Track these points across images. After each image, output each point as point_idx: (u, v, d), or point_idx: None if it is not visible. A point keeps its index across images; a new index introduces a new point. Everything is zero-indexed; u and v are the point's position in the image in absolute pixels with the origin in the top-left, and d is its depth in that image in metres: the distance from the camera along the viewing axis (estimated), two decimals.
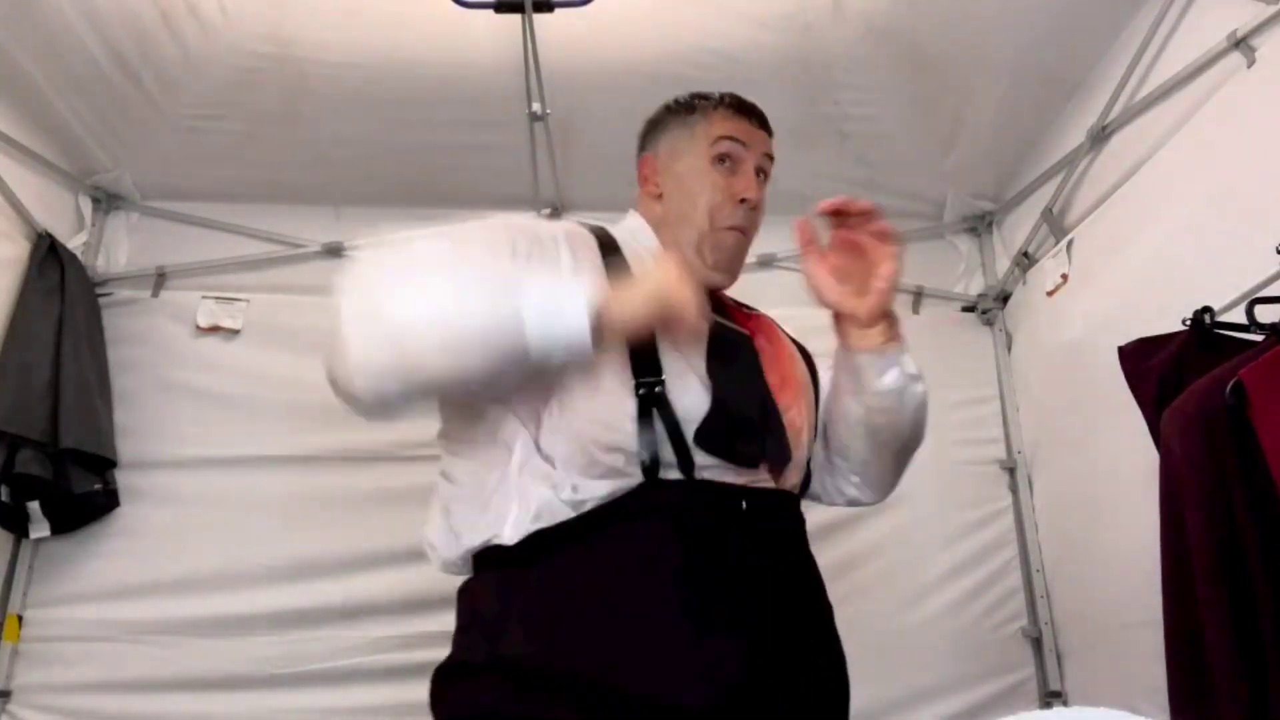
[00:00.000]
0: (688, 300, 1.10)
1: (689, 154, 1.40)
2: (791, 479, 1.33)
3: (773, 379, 1.34)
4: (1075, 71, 2.40)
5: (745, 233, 1.38)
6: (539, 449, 1.16)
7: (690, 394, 1.18)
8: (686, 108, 1.46)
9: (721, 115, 1.42)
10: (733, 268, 1.40)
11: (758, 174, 1.40)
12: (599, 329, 1.07)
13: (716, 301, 1.35)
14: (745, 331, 1.37)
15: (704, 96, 1.47)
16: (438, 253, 1.17)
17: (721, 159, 1.38)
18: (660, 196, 1.41)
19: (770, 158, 1.43)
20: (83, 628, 2.44)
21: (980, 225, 3.01)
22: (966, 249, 3.01)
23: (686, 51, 2.38)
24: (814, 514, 2.72)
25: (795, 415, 1.35)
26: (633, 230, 1.41)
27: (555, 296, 1.07)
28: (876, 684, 2.49)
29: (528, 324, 1.05)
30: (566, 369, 1.13)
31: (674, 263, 1.15)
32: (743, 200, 1.36)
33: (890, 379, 1.34)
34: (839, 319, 1.38)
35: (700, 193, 1.36)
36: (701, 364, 1.21)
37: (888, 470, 1.50)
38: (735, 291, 1.53)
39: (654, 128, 1.49)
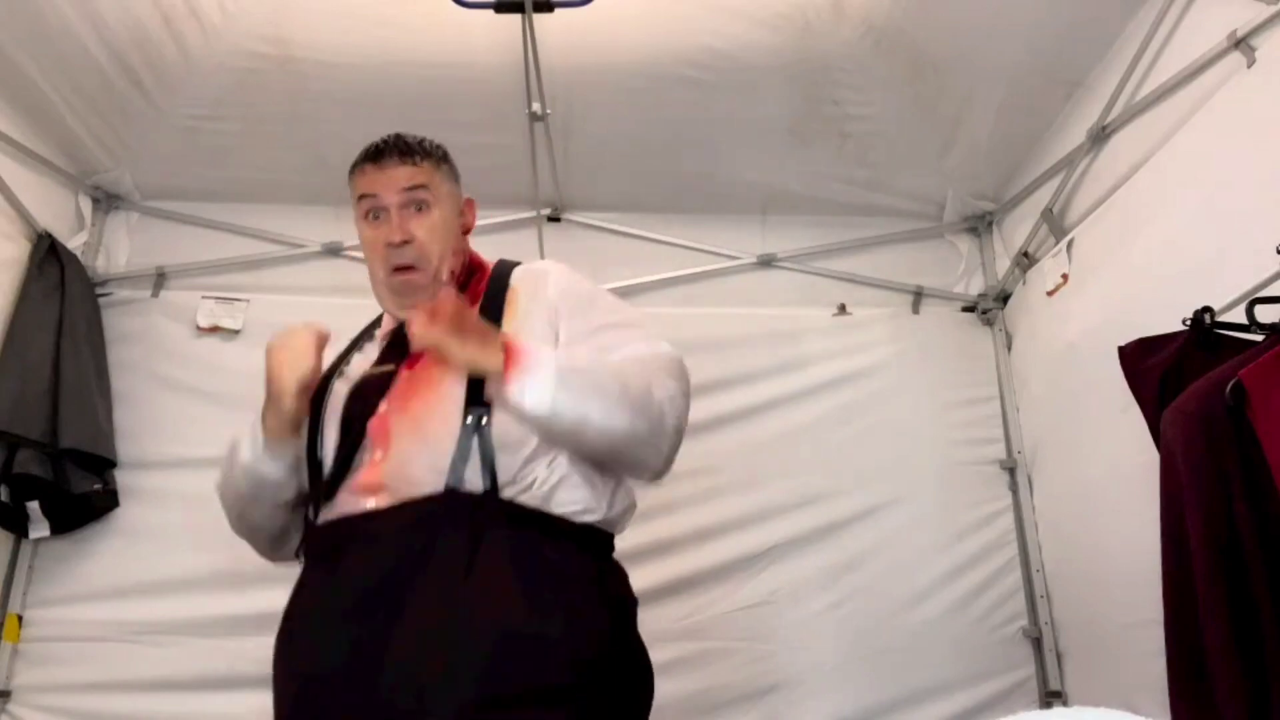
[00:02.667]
0: (276, 380, 1.38)
1: (357, 221, 1.51)
2: (406, 488, 1.31)
3: (390, 403, 1.39)
4: (1075, 71, 2.40)
5: (409, 269, 1.43)
6: None
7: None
8: (349, 177, 1.53)
9: (358, 174, 1.49)
10: (415, 300, 1.40)
11: (411, 207, 1.45)
12: (268, 438, 1.42)
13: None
14: (389, 369, 1.43)
15: (356, 160, 1.52)
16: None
17: (369, 214, 1.47)
18: None
19: (420, 187, 1.46)
20: (83, 628, 2.44)
21: (980, 225, 3.01)
22: (966, 249, 3.01)
23: (686, 51, 2.38)
24: (814, 514, 2.74)
25: (404, 419, 1.37)
26: None
27: (248, 442, 1.48)
28: (876, 684, 2.50)
29: (243, 463, 1.49)
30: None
31: (271, 348, 1.41)
32: (389, 244, 1.43)
33: (522, 419, 1.29)
34: None
35: (366, 253, 1.48)
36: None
37: (619, 465, 1.42)
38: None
39: None
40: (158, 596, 2.48)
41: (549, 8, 2.19)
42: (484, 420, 1.31)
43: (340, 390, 1.45)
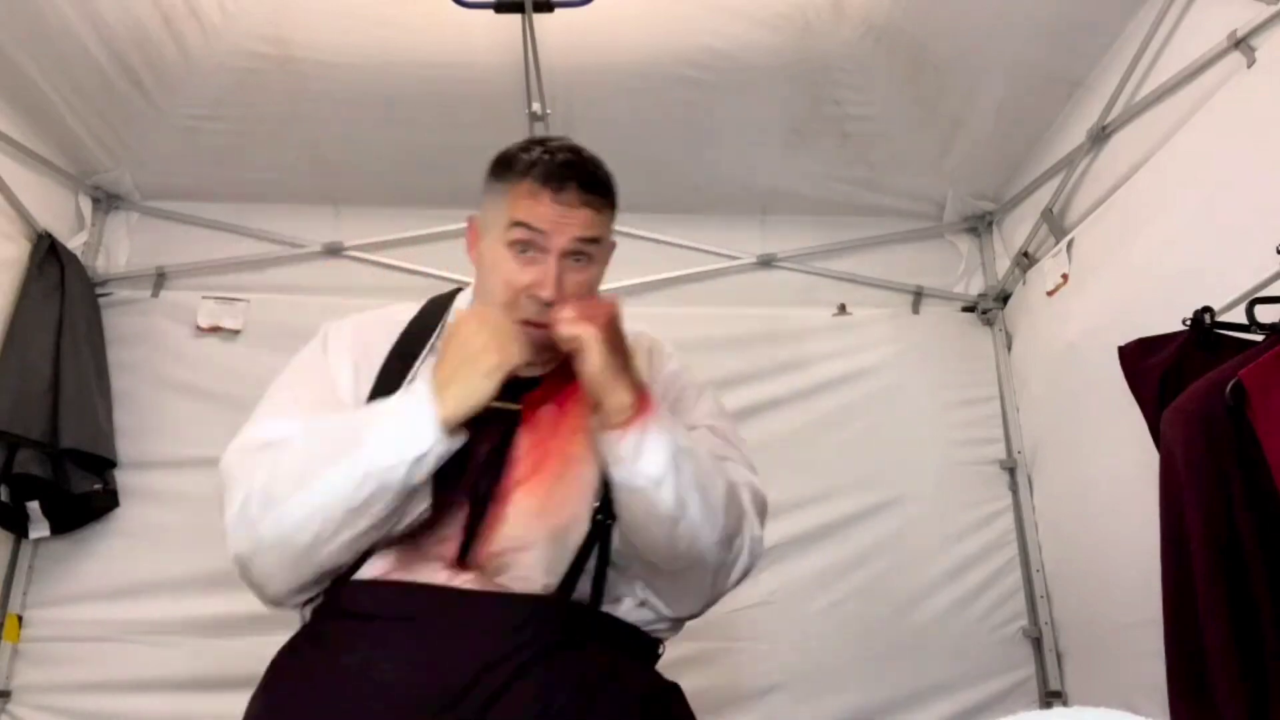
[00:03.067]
0: (500, 358, 1.10)
1: (491, 230, 1.26)
2: (509, 578, 1.17)
3: (524, 464, 1.21)
4: (1075, 71, 2.40)
5: (541, 325, 1.20)
6: None
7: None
8: (501, 167, 1.29)
9: (525, 191, 1.22)
10: (540, 359, 1.23)
11: (572, 256, 1.22)
12: (451, 422, 1.09)
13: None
14: (515, 407, 1.22)
15: (521, 155, 1.27)
16: (291, 456, 1.18)
17: (519, 245, 1.22)
18: (477, 266, 1.31)
19: (593, 241, 1.23)
20: (83, 628, 2.44)
21: (980, 225, 3.01)
22: (966, 249, 3.01)
23: (686, 51, 2.38)
24: (814, 514, 2.74)
25: (532, 502, 1.20)
26: (467, 304, 1.35)
27: (398, 428, 1.10)
28: (876, 684, 2.50)
29: (383, 460, 1.09)
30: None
31: (479, 315, 1.16)
32: (535, 295, 1.20)
33: (618, 473, 1.14)
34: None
35: (495, 280, 1.24)
36: None
37: (667, 583, 1.24)
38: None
39: (483, 192, 1.33)
40: (158, 596, 2.48)
41: (549, 8, 2.19)
42: (610, 528, 1.19)
43: None
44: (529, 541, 1.18)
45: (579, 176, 1.23)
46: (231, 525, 1.23)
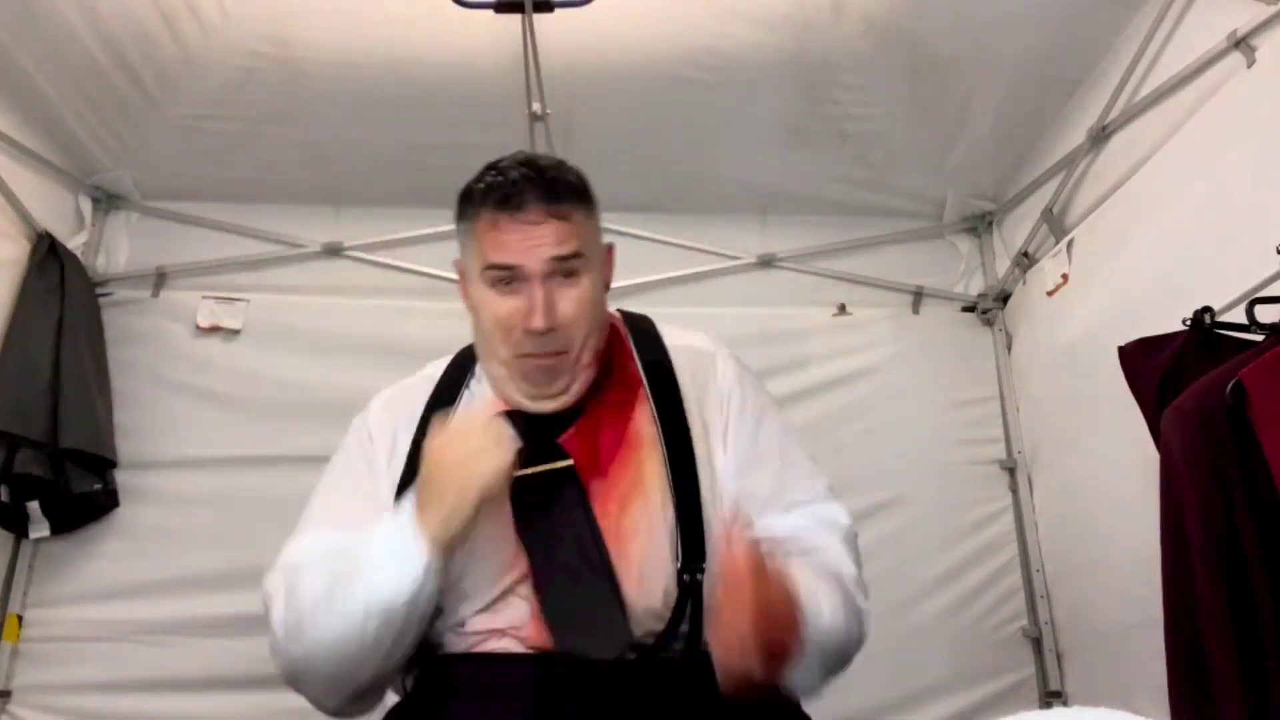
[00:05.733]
0: (466, 484, 1.05)
1: (470, 272, 1.20)
2: (582, 639, 1.10)
3: (604, 520, 1.15)
4: (1075, 71, 2.40)
5: (547, 356, 1.16)
6: None
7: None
8: (462, 204, 1.22)
9: (485, 224, 1.16)
10: (556, 389, 1.18)
11: (557, 276, 1.15)
12: (435, 549, 1.06)
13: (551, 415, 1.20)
14: (565, 464, 1.16)
15: (476, 186, 1.20)
16: (307, 586, 1.13)
17: (498, 282, 1.16)
18: (470, 312, 1.24)
19: (572, 255, 1.15)
20: (83, 628, 2.44)
21: (980, 225, 3.00)
22: (966, 249, 3.01)
23: (686, 51, 2.38)
24: None
25: (631, 549, 1.14)
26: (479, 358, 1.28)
27: (389, 560, 1.07)
28: (876, 684, 2.50)
29: (382, 594, 1.06)
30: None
31: (448, 431, 1.09)
32: (530, 329, 1.14)
33: None
34: None
35: (486, 320, 1.18)
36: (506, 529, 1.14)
37: None
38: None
39: (455, 224, 1.26)
40: (158, 596, 2.48)
41: (549, 8, 2.19)
42: (699, 576, 1.12)
43: None
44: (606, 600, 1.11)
45: (536, 189, 1.14)
46: (271, 650, 1.19)
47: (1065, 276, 2.53)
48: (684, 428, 1.21)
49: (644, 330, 1.33)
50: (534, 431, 1.16)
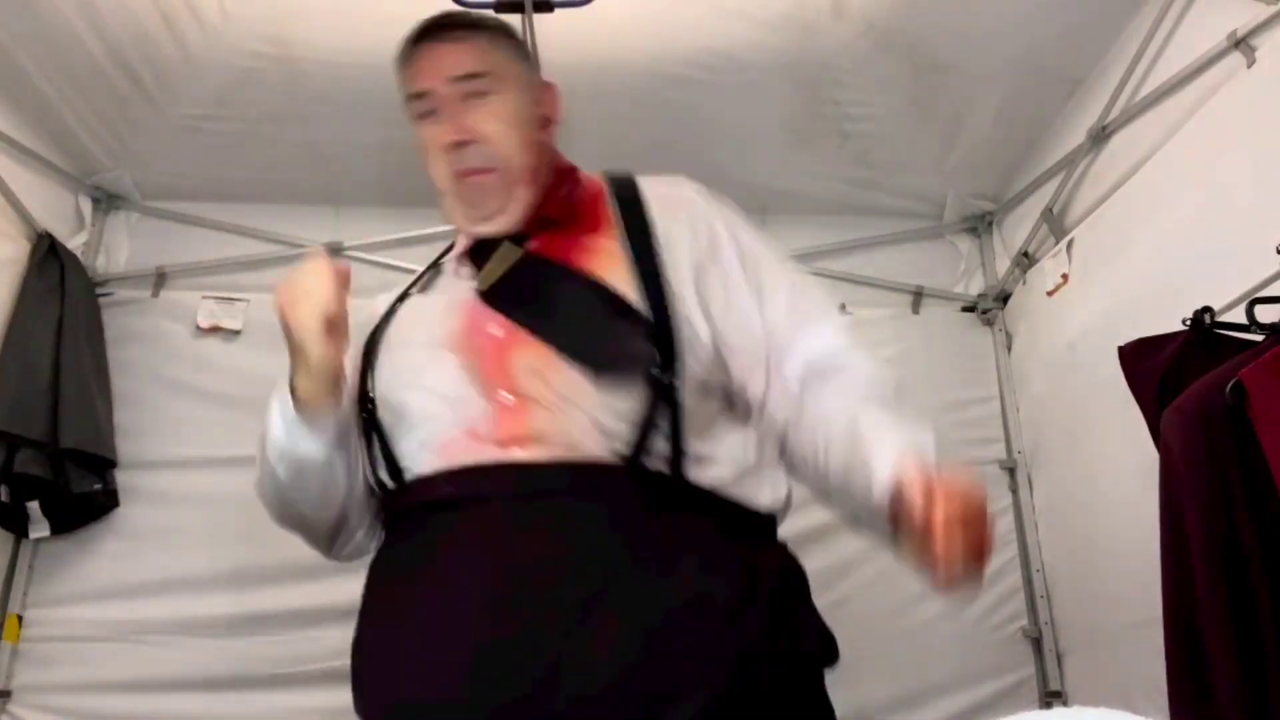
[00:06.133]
0: (294, 323, 1.10)
1: (413, 122, 1.26)
2: (545, 449, 1.04)
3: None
4: (1075, 71, 2.40)
5: (475, 173, 1.18)
6: None
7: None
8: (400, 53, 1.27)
9: (406, 69, 1.25)
10: (491, 207, 1.19)
11: (465, 97, 1.19)
12: (301, 398, 1.13)
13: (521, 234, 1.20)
14: (518, 252, 1.17)
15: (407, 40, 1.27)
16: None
17: (421, 117, 1.23)
18: None
19: (474, 76, 1.19)
20: (83, 628, 2.44)
21: (980, 225, 3.00)
22: (966, 249, 3.01)
23: (686, 51, 2.38)
24: (813, 515, 2.73)
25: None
26: None
27: (273, 411, 1.17)
28: (877, 684, 2.50)
29: (276, 445, 1.15)
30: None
31: (279, 289, 1.12)
32: (447, 146, 1.18)
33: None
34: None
35: (426, 157, 1.23)
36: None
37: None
38: None
39: None
40: (158, 596, 2.48)
41: (549, 8, 2.19)
42: (676, 379, 1.07)
43: (422, 308, 1.22)
44: (564, 405, 1.05)
45: (444, 20, 1.23)
46: None
47: (1065, 276, 2.53)
48: (652, 250, 1.16)
49: (623, 180, 1.31)
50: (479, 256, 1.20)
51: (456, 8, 1.29)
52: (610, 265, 1.15)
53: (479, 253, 1.21)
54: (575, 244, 1.19)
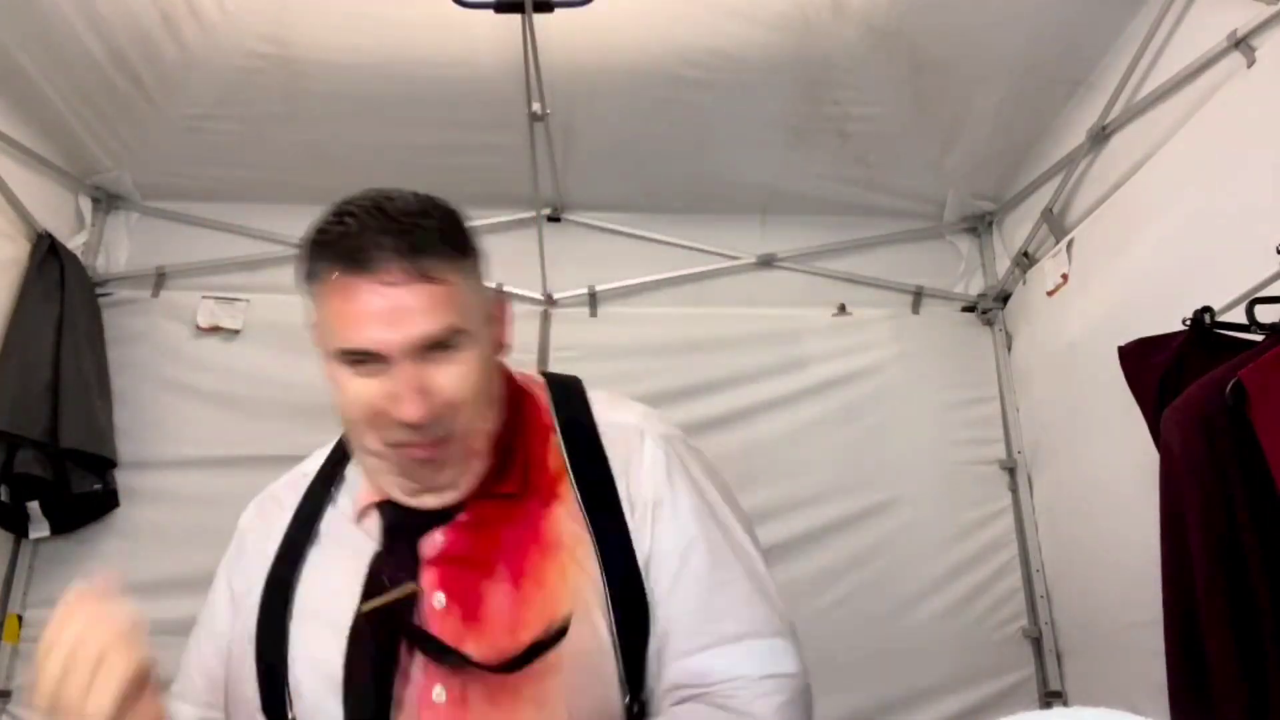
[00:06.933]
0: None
1: (324, 345, 0.95)
2: None
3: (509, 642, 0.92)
4: (1075, 71, 2.40)
5: (425, 446, 0.94)
6: None
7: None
8: (307, 256, 0.95)
9: (334, 292, 0.91)
10: (440, 482, 0.97)
11: (426, 357, 0.91)
12: None
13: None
14: (409, 590, 0.93)
15: (318, 236, 0.95)
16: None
17: (357, 365, 0.93)
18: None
19: (450, 331, 0.92)
20: None
21: (980, 225, 3.00)
22: (966, 249, 3.02)
23: (686, 51, 2.38)
24: (814, 514, 2.74)
25: (550, 686, 0.92)
26: None
27: None
28: (877, 684, 2.50)
29: None
30: None
31: (51, 655, 0.89)
32: (400, 421, 0.92)
33: None
34: None
35: (350, 409, 0.95)
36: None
37: None
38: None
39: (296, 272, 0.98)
40: (158, 596, 2.46)
41: (549, 8, 2.18)
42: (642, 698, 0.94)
43: (320, 635, 0.97)
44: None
45: (392, 239, 0.89)
46: None
47: (1065, 276, 2.53)
48: (621, 526, 0.98)
49: (569, 400, 1.07)
50: (413, 528, 0.98)
51: (400, 210, 0.93)
52: (568, 574, 0.95)
53: (394, 517, 0.99)
54: (525, 531, 0.97)
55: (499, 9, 2.18)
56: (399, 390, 0.91)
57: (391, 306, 0.89)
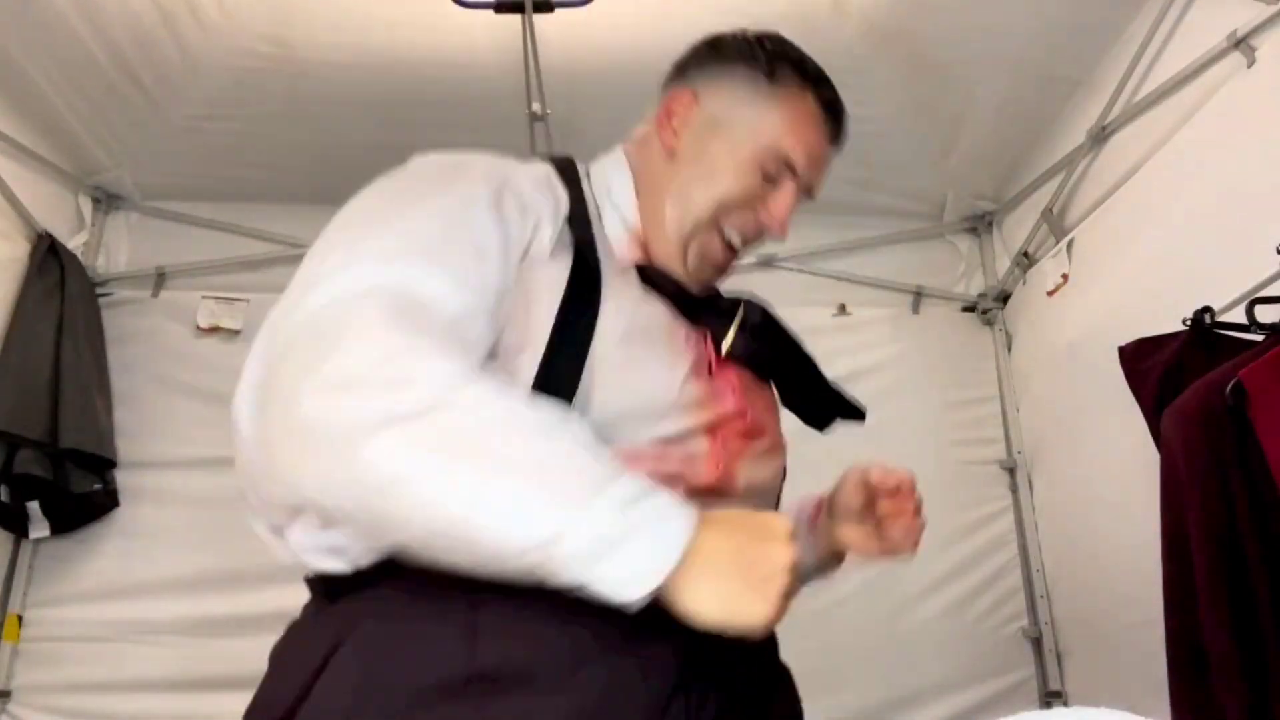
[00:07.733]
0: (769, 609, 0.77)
1: (737, 131, 1.06)
2: None
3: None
4: (1075, 71, 2.40)
5: (734, 253, 1.08)
6: None
7: None
8: (767, 63, 1.11)
9: (808, 114, 1.08)
10: (715, 282, 1.13)
11: (806, 195, 1.10)
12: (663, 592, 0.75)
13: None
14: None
15: (792, 61, 1.12)
16: (462, 414, 0.77)
17: (769, 166, 1.06)
18: (673, 153, 1.10)
19: (821, 177, 1.14)
20: (83, 628, 2.44)
21: (980, 225, 3.01)
22: (966, 249, 3.02)
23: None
24: None
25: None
26: (610, 185, 1.13)
27: (625, 540, 0.74)
28: (877, 684, 2.50)
29: (571, 557, 0.73)
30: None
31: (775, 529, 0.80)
32: (764, 223, 1.07)
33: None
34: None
35: (721, 182, 1.04)
36: None
37: None
38: (728, 289, 1.26)
39: (712, 63, 1.19)
40: (158, 596, 2.48)
41: (549, 8, 2.19)
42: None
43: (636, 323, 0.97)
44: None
45: (842, 118, 1.12)
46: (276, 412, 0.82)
47: (1065, 276, 2.53)
48: None
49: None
50: (679, 300, 1.03)
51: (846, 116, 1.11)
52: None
53: (654, 277, 1.03)
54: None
55: (499, 9, 2.19)
56: (782, 206, 1.07)
57: (823, 154, 1.11)
